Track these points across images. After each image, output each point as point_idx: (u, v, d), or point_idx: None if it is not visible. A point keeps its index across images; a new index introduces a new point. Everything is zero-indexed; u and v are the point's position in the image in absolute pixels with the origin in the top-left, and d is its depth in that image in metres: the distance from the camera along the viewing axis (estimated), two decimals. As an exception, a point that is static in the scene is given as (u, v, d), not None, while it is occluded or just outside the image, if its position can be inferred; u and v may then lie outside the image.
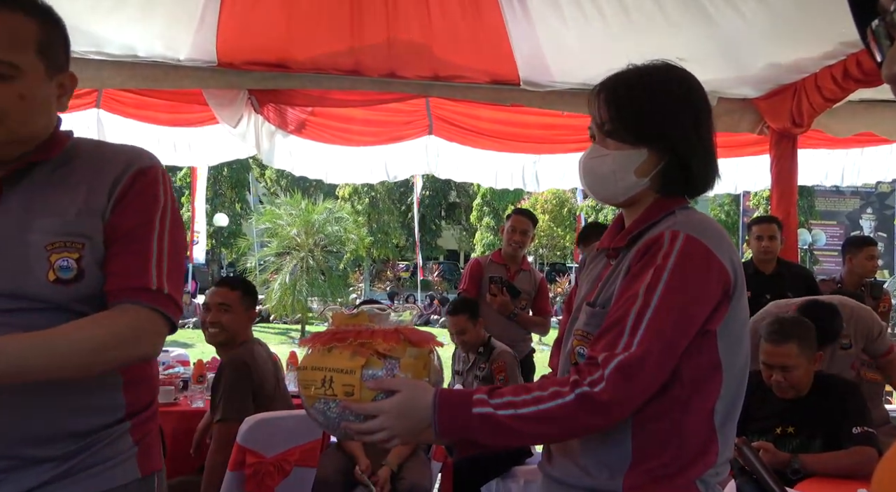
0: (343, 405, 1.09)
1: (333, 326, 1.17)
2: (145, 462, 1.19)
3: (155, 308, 1.12)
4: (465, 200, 28.07)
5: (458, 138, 4.45)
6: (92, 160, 1.17)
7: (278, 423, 2.39)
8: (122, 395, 1.16)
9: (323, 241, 15.45)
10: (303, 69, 3.84)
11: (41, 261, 1.07)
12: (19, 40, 1.08)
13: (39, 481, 1.07)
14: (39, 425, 1.07)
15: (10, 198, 1.10)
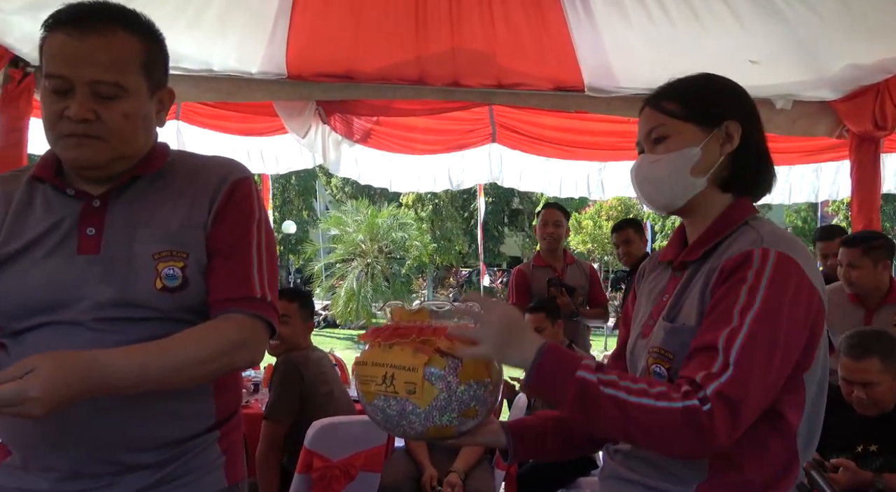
0: (403, 404, 1.08)
1: (394, 321, 1.16)
2: (231, 472, 1.22)
3: (259, 316, 1.15)
4: (528, 206, 27.85)
5: (522, 146, 4.44)
6: (189, 173, 1.21)
7: (344, 427, 2.44)
8: (212, 402, 1.19)
9: (387, 247, 15.67)
10: (368, 80, 3.91)
11: (149, 270, 1.10)
12: (125, 61, 1.11)
13: (138, 487, 1.10)
14: (135, 431, 1.10)
15: (115, 210, 1.15)
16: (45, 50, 1.11)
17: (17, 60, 3.55)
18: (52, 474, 1.09)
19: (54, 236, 1.12)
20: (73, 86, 1.08)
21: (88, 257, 1.11)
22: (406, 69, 3.83)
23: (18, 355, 1.09)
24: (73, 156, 1.11)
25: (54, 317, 1.08)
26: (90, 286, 1.09)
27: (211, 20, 3.29)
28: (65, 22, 1.08)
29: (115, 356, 1.00)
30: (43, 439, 1.07)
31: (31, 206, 1.15)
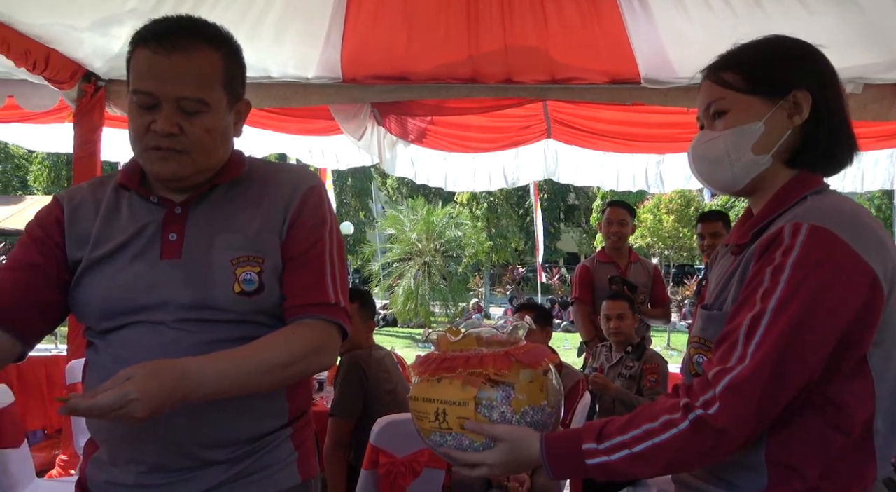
0: (459, 439, 1.05)
1: (439, 351, 1.12)
2: (304, 468, 1.26)
3: (332, 321, 1.19)
4: (584, 202, 27.53)
5: (578, 141, 4.39)
6: (263, 180, 1.25)
7: (409, 424, 2.44)
8: (285, 401, 1.23)
9: (443, 246, 15.73)
10: (422, 80, 3.94)
11: (227, 274, 1.14)
12: (208, 77, 1.14)
13: (216, 481, 1.15)
14: (212, 429, 1.14)
15: (195, 217, 1.20)
16: (132, 65, 1.15)
17: (89, 75, 3.73)
18: (136, 468, 1.14)
19: (139, 241, 1.17)
20: (159, 101, 1.12)
21: (171, 262, 1.16)
22: (459, 68, 3.84)
23: (107, 353, 1.16)
24: (158, 169, 1.16)
25: (139, 318, 1.14)
26: (172, 289, 1.14)
27: (269, 29, 3.38)
28: (151, 38, 1.12)
29: (202, 363, 1.05)
30: (127, 436, 1.13)
31: (117, 212, 1.21)
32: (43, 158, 23.51)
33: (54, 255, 1.19)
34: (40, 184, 24.08)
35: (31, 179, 24.66)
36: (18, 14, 3.01)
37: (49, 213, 1.23)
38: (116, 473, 1.16)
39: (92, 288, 1.17)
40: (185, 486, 1.14)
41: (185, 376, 1.02)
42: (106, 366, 1.14)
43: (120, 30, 3.26)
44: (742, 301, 0.98)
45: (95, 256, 1.17)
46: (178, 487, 1.14)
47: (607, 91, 3.84)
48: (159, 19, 1.16)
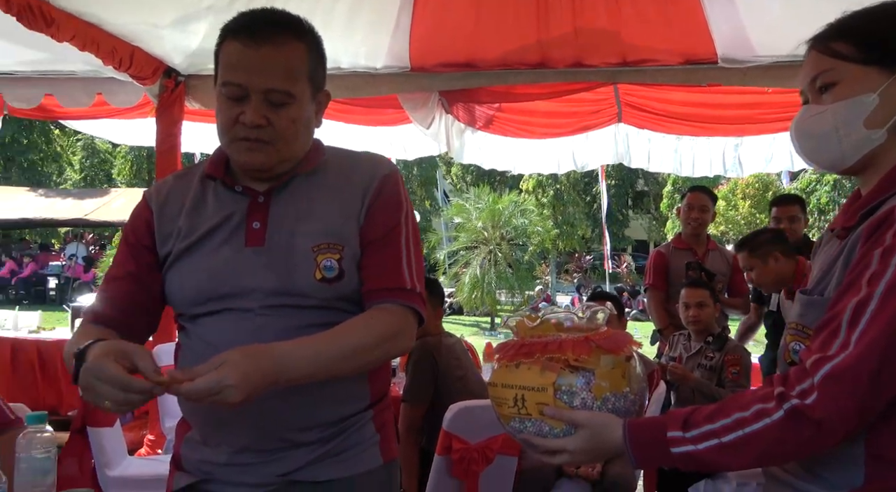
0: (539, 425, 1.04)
1: (517, 337, 1.11)
2: (386, 450, 1.29)
3: (410, 306, 1.21)
4: (653, 188, 26.84)
5: (650, 124, 4.28)
6: (342, 169, 1.27)
7: (480, 411, 2.47)
8: (367, 384, 1.26)
9: (509, 234, 15.65)
10: (490, 67, 3.92)
11: (309, 261, 1.17)
12: (295, 69, 1.17)
13: (304, 461, 1.19)
14: (298, 412, 1.18)
15: (278, 205, 1.23)
16: (221, 58, 1.19)
17: (169, 71, 3.88)
18: (228, 448, 1.19)
19: (225, 230, 1.21)
20: (247, 93, 1.15)
21: (255, 249, 1.19)
22: (527, 54, 3.80)
23: (198, 338, 1.21)
24: (246, 159, 1.19)
25: (227, 304, 1.18)
26: (257, 276, 1.17)
27: (339, 19, 3.43)
28: (240, 32, 1.15)
29: (290, 348, 1.08)
30: (219, 418, 1.18)
31: (204, 202, 1.26)
32: (126, 151, 24.63)
33: (147, 261, 1.25)
34: (124, 177, 25.27)
35: (115, 173, 25.91)
36: (106, 15, 3.15)
37: (139, 215, 1.29)
38: (209, 452, 1.21)
39: (182, 276, 1.22)
40: (274, 465, 1.18)
41: (275, 361, 1.05)
42: (196, 350, 1.19)
43: (198, 26, 3.37)
44: (846, 285, 0.92)
45: (184, 246, 1.22)
46: (268, 466, 1.18)
47: (682, 72, 3.72)
48: (247, 13, 1.19)
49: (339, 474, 1.21)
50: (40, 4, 2.80)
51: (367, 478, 1.24)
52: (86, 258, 17.65)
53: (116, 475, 2.78)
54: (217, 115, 1.20)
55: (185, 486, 1.22)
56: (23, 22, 2.75)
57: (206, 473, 1.21)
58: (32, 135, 24.23)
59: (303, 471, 1.19)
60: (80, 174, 26.27)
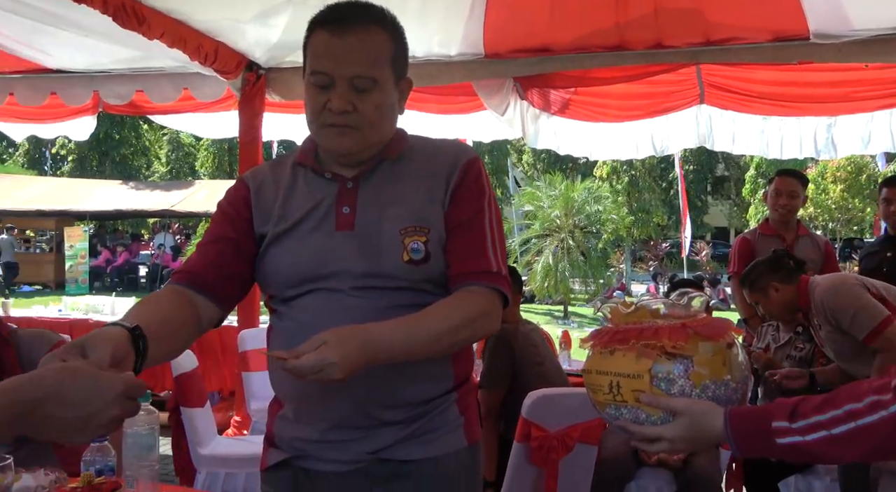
0: (636, 412, 1.03)
1: (611, 324, 1.11)
2: (470, 432, 1.31)
3: (496, 288, 1.24)
4: (734, 172, 25.85)
5: (735, 105, 4.10)
6: (425, 154, 1.31)
7: (559, 399, 2.45)
8: (451, 366, 1.29)
9: (582, 222, 15.40)
10: (565, 51, 3.84)
11: (396, 244, 1.21)
12: (379, 56, 1.22)
13: (390, 440, 1.23)
14: (386, 391, 1.22)
15: (365, 191, 1.27)
16: (309, 49, 1.24)
17: (251, 65, 4.00)
18: (320, 425, 1.24)
19: (316, 215, 1.26)
20: (333, 80, 1.20)
21: (345, 233, 1.24)
22: (605, 36, 3.71)
23: (291, 318, 1.25)
24: (335, 145, 1.24)
25: (319, 285, 1.22)
26: (348, 259, 1.22)
27: (413, 8, 3.44)
28: (327, 22, 1.20)
29: (385, 328, 1.13)
30: (310, 396, 1.23)
31: (295, 188, 1.30)
32: (209, 144, 25.64)
33: (244, 229, 1.29)
34: (206, 169, 26.34)
35: (198, 165, 27.03)
36: (193, 11, 3.28)
37: (237, 191, 1.35)
38: (301, 429, 1.26)
39: (277, 259, 1.26)
40: (363, 443, 1.22)
41: (373, 341, 1.09)
42: (290, 330, 1.24)
43: (278, 20, 3.45)
44: None
45: (279, 230, 1.27)
46: (358, 444, 1.22)
47: (770, 50, 3.54)
48: (333, 5, 1.23)
49: (426, 454, 1.24)
50: (133, 4, 2.94)
51: (453, 459, 1.27)
52: (173, 247, 18.51)
53: (208, 454, 2.91)
54: (306, 103, 1.25)
55: (278, 462, 1.27)
56: (118, 21, 2.89)
57: (298, 449, 1.26)
58: (123, 130, 25.59)
59: (390, 450, 1.23)
60: (167, 167, 27.56)
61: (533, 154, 26.55)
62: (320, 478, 1.24)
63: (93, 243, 17.66)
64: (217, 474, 2.88)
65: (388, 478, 1.23)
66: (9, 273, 16.58)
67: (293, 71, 4.03)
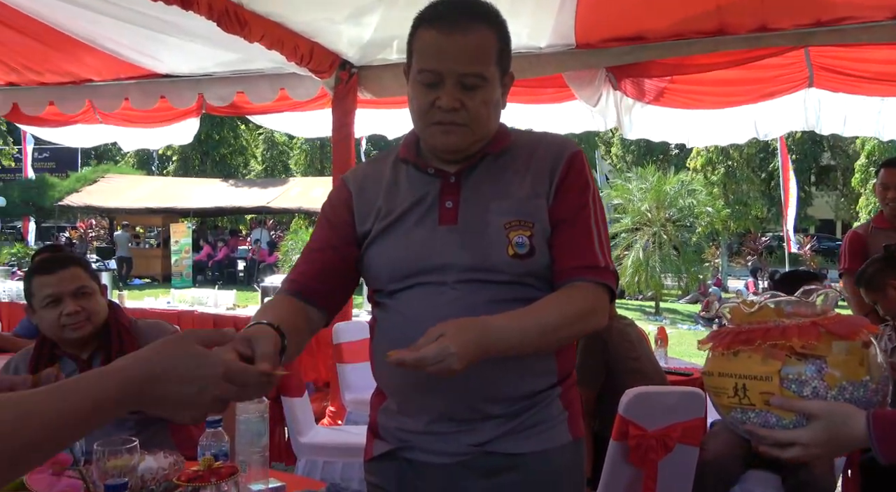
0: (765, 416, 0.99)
1: (732, 324, 1.06)
2: (574, 427, 1.31)
3: (603, 283, 1.23)
4: (842, 161, 24.28)
5: (847, 87, 3.83)
6: (528, 149, 1.31)
7: (658, 398, 2.38)
8: (554, 360, 1.29)
9: (675, 215, 14.89)
10: (661, 38, 3.71)
11: (501, 238, 1.22)
12: (486, 53, 1.22)
13: (495, 434, 1.24)
14: (493, 384, 1.23)
15: (468, 185, 1.28)
16: (416, 46, 1.25)
17: (344, 63, 4.09)
18: (424, 417, 1.26)
19: (419, 210, 1.28)
20: (442, 78, 1.21)
21: (448, 228, 1.25)
22: (704, 21, 3.55)
23: (396, 311, 1.27)
24: (443, 142, 1.25)
25: (423, 279, 1.24)
26: (452, 253, 1.23)
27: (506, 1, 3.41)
28: (434, 20, 1.21)
29: (500, 321, 1.13)
30: (416, 389, 1.25)
31: (398, 184, 1.32)
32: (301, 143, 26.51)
33: (346, 234, 1.32)
34: (299, 167, 27.25)
35: (292, 163, 28.01)
36: (290, 14, 3.39)
37: (338, 194, 1.37)
38: (407, 421, 1.28)
39: (381, 254, 1.29)
40: (468, 435, 1.23)
41: (489, 333, 1.10)
42: (395, 323, 1.26)
43: (371, 18, 3.51)
44: None
45: (382, 226, 1.29)
46: (463, 436, 1.24)
47: (890, 28, 3.29)
48: (437, 2, 1.24)
49: (533, 447, 1.24)
50: (235, 9, 3.06)
51: (559, 453, 1.27)
52: (269, 243, 19.25)
53: (307, 442, 3.01)
54: (412, 100, 1.26)
55: (384, 452, 1.30)
56: (221, 26, 3.02)
57: (403, 441, 1.29)
58: (223, 131, 26.83)
59: (496, 443, 1.23)
60: (262, 165, 28.70)
61: (622, 146, 25.89)
62: (425, 469, 1.26)
63: (195, 239, 18.64)
64: (316, 462, 2.98)
65: (494, 471, 1.24)
66: (124, 267, 17.76)
67: (384, 68, 4.09)
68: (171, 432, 1.92)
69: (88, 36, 3.94)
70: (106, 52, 4.12)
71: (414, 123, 1.28)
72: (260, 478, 1.35)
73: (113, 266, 17.21)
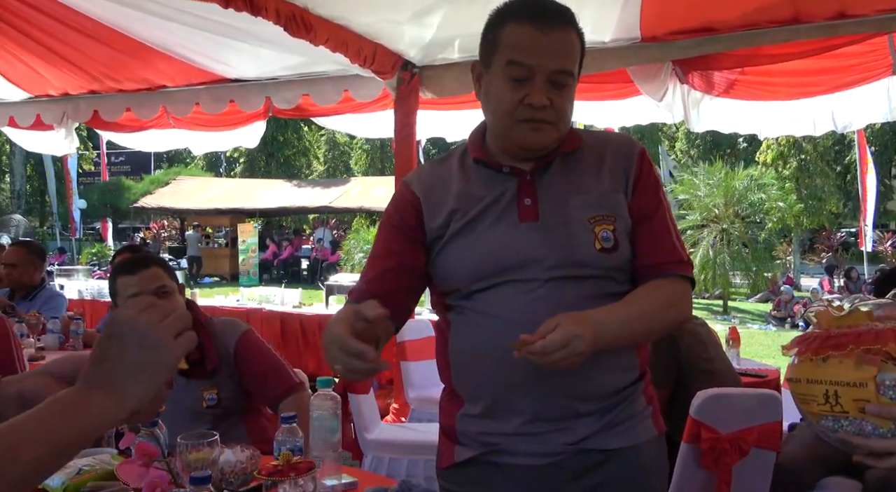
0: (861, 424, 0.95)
1: (819, 328, 1.02)
2: (657, 422, 1.32)
3: (686, 276, 1.26)
4: (925, 152, 23.00)
5: (938, 74, 3.62)
6: (597, 146, 1.32)
7: (732, 400, 2.31)
8: (636, 355, 1.30)
9: (745, 211, 14.40)
10: (731, 29, 3.59)
11: (587, 232, 1.23)
12: (575, 52, 1.25)
13: (588, 431, 1.24)
14: (581, 382, 1.22)
15: (544, 182, 1.29)
16: (505, 40, 1.24)
17: (406, 64, 4.12)
18: (516, 418, 1.25)
19: (496, 208, 1.27)
20: (532, 74, 1.21)
21: (530, 224, 1.25)
22: (777, 10, 3.42)
23: (474, 312, 1.26)
24: (531, 140, 1.26)
25: (507, 277, 1.24)
26: (537, 249, 1.23)
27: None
28: (528, 16, 1.22)
29: (603, 314, 1.16)
30: (509, 390, 1.24)
31: (470, 183, 1.31)
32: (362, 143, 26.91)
33: (413, 238, 1.31)
34: (360, 167, 27.67)
35: (352, 163, 28.47)
36: (354, 16, 3.43)
37: (402, 198, 1.36)
38: (494, 424, 1.27)
39: (458, 254, 1.27)
40: (560, 435, 1.23)
41: (599, 324, 1.13)
42: (476, 323, 1.25)
43: (433, 19, 3.53)
44: None
45: (459, 226, 1.28)
46: (555, 436, 1.23)
47: None
48: (528, 1, 1.25)
49: (624, 443, 1.25)
50: (302, 13, 3.13)
51: (649, 447, 1.27)
52: (331, 242, 19.62)
53: (373, 438, 3.06)
54: (495, 97, 1.25)
55: (467, 459, 1.29)
56: (288, 30, 3.09)
57: (489, 444, 1.27)
58: (287, 133, 27.49)
59: (590, 440, 1.23)
60: (324, 166, 29.27)
61: (687, 141, 25.23)
62: (514, 472, 1.25)
63: (261, 238, 19.17)
64: (382, 459, 3.02)
65: (586, 469, 1.24)
66: (195, 266, 18.42)
67: (445, 68, 4.10)
68: (246, 426, 1.99)
69: (163, 44, 4.09)
70: (179, 58, 4.27)
71: (495, 119, 1.27)
72: (333, 474, 1.37)
73: (185, 265, 17.86)
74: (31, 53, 4.38)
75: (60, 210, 20.82)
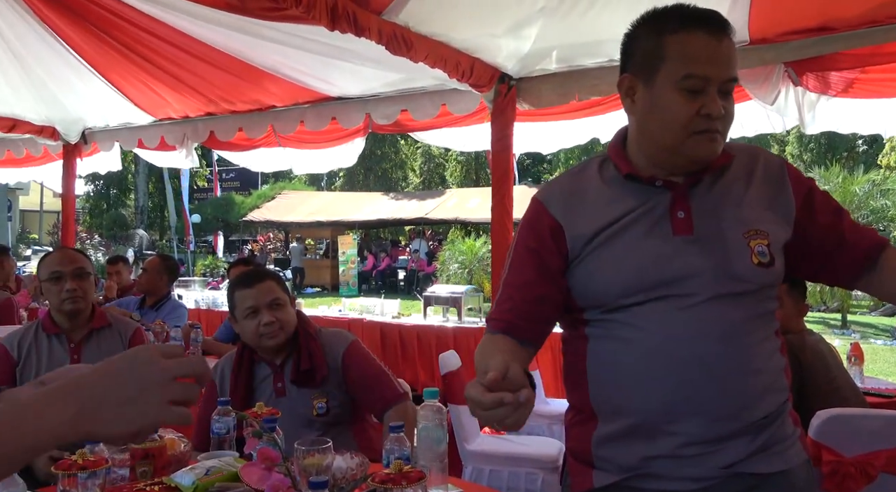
0: None
1: None
2: (804, 445, 1.26)
3: None
4: None
5: None
6: (744, 160, 1.29)
7: (857, 421, 2.16)
8: (784, 376, 1.25)
9: (866, 218, 13.43)
10: (850, 27, 3.38)
11: (743, 247, 1.20)
12: (736, 58, 1.20)
13: (744, 453, 1.18)
14: (741, 402, 1.18)
15: (698, 195, 1.25)
16: (676, 51, 1.18)
17: (503, 76, 4.14)
18: (671, 439, 1.18)
19: (647, 220, 1.23)
20: (706, 85, 1.17)
21: (684, 238, 1.21)
22: (901, 4, 3.19)
23: (629, 326, 1.20)
24: (706, 152, 1.21)
25: (661, 292, 1.19)
26: (693, 263, 1.19)
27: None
28: (699, 25, 1.17)
29: None
30: (670, 407, 1.18)
31: (616, 196, 1.26)
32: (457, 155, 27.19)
33: (551, 262, 1.26)
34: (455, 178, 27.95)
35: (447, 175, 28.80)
36: (452, 32, 3.49)
37: (539, 221, 1.30)
38: (641, 447, 1.20)
39: (605, 269, 1.22)
40: (717, 457, 1.18)
41: None
42: (629, 339, 1.20)
43: (530, 30, 3.53)
44: None
45: (602, 239, 1.23)
46: (710, 458, 1.18)
47: None
48: (683, 7, 1.21)
49: (777, 467, 1.19)
50: (402, 32, 3.21)
51: (801, 472, 1.22)
52: (427, 253, 19.89)
53: (473, 450, 3.07)
54: (666, 110, 1.20)
55: (607, 485, 1.24)
56: (390, 49, 3.18)
57: (634, 468, 1.21)
58: (384, 147, 28.21)
59: (745, 463, 1.18)
60: (420, 178, 29.78)
61: (798, 144, 23.84)
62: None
63: (360, 249, 19.70)
64: (482, 470, 3.02)
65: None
66: (298, 277, 19.18)
67: (542, 79, 4.09)
68: (354, 434, 2.04)
69: (272, 65, 4.32)
70: (287, 79, 4.50)
71: (664, 132, 1.21)
72: (440, 483, 1.39)
73: (289, 276, 18.62)
74: (157, 80, 4.75)
75: (178, 225, 22.28)
